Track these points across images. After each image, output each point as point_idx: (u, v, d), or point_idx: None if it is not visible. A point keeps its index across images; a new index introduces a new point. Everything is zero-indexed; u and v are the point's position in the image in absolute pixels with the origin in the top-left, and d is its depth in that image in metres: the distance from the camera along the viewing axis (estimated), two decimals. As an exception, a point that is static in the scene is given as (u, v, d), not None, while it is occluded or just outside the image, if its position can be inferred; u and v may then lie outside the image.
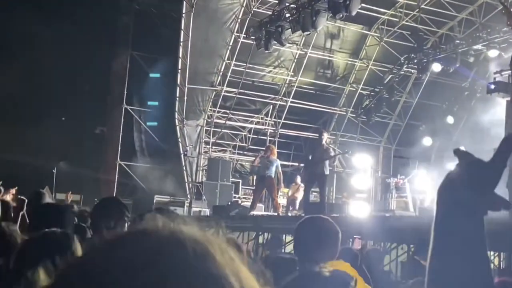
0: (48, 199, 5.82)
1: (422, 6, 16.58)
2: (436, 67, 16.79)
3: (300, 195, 14.32)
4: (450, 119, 17.15)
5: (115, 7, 17.16)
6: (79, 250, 2.30)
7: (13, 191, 8.37)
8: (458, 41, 16.59)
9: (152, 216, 0.75)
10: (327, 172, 11.50)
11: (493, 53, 15.08)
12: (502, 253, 9.69)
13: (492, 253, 9.67)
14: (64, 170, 15.39)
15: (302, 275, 2.76)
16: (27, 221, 4.02)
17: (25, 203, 4.79)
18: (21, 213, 4.53)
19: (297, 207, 14.60)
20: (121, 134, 17.38)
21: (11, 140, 14.94)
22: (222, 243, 0.72)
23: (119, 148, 17.24)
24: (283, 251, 10.14)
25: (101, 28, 16.42)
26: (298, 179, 14.90)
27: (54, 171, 14.68)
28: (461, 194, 1.14)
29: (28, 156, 14.51)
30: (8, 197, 7.45)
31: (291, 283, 2.59)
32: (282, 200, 14.76)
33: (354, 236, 9.81)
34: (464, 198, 1.14)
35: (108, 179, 16.98)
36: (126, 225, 3.65)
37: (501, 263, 9.82)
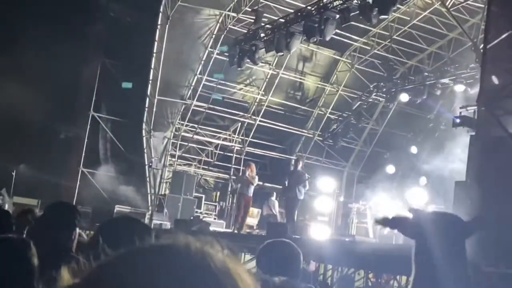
0: (6, 201, 5.67)
1: (394, 36, 16.89)
2: (404, 97, 17.05)
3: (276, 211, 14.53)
4: (414, 149, 17.38)
5: (89, 13, 16.99)
6: (35, 257, 2.22)
7: None
8: (426, 74, 16.91)
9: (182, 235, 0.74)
10: (300, 197, 12.19)
11: (459, 87, 15.39)
12: None
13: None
14: (24, 173, 15.07)
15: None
16: None
17: None
18: None
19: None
20: (86, 141, 17.12)
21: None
22: (245, 272, 0.73)
23: (83, 154, 16.97)
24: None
25: (74, 33, 16.20)
26: (273, 197, 15.03)
27: (14, 173, 14.37)
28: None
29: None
30: None
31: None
32: (253, 220, 14.82)
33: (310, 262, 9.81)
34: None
35: (69, 186, 16.66)
36: (76, 232, 3.48)
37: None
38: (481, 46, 7.99)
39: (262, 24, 15.49)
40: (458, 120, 12.79)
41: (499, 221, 6.16)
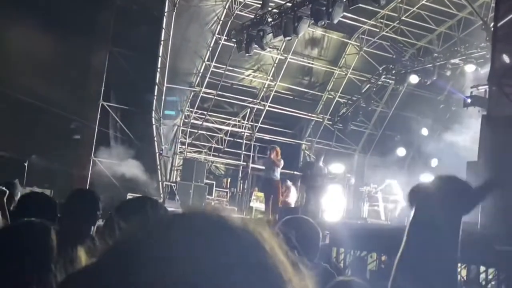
0: (19, 191, 5.71)
1: (403, 18, 16.79)
2: (414, 79, 16.98)
3: (291, 198, 14.46)
4: (424, 131, 17.34)
5: (95, 2, 17.00)
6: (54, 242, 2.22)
7: None
8: (436, 54, 16.83)
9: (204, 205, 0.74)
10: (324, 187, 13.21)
11: (469, 67, 15.32)
12: (468, 266, 9.81)
13: (459, 265, 9.82)
14: (36, 163, 15.19)
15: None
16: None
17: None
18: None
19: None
20: (96, 130, 17.21)
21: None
22: (267, 231, 0.72)
23: (94, 144, 17.06)
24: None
25: (81, 22, 16.22)
26: (288, 182, 14.95)
27: (26, 164, 14.48)
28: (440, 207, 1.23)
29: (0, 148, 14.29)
30: None
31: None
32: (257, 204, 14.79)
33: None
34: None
35: (81, 175, 16.77)
36: (97, 219, 3.55)
37: (469, 274, 9.93)
38: (491, 24, 7.95)
39: (269, 8, 15.43)
40: (469, 100, 12.78)
41: (509, 197, 6.15)
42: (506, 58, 7.58)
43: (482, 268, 9.19)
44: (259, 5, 15.82)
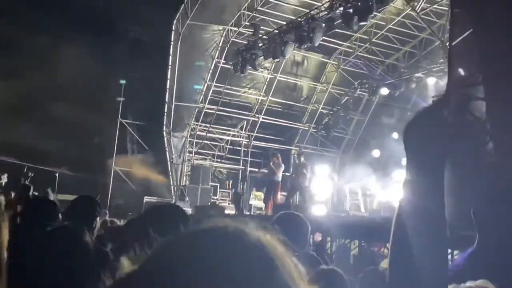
0: (52, 198, 5.68)
1: (373, 40, 16.89)
2: (384, 91, 17.05)
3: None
4: (395, 135, 17.32)
5: (112, 35, 17.04)
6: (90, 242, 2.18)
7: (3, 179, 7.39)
8: (402, 70, 16.91)
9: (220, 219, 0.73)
10: (306, 184, 12.98)
11: (431, 80, 15.38)
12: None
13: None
14: (65, 174, 15.18)
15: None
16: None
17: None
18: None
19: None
20: (116, 143, 17.22)
21: (20, 148, 14.68)
22: (281, 248, 0.71)
23: (114, 155, 17.06)
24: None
25: (102, 52, 16.28)
26: None
27: (57, 175, 14.46)
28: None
29: (35, 161, 14.25)
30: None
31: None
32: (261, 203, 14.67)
33: (316, 233, 9.84)
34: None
35: (104, 182, 16.75)
36: (97, 219, 3.46)
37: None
38: (448, 43, 7.97)
39: (260, 35, 15.49)
40: (431, 108, 12.78)
41: (466, 188, 6.14)
42: (461, 71, 7.58)
43: (449, 250, 9.19)
44: (251, 33, 15.88)
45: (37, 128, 15.47)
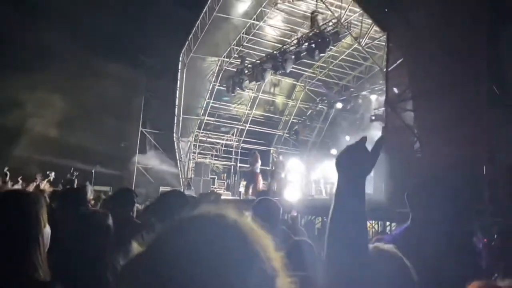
0: (90, 189, 5.60)
1: (330, 67, 16.98)
2: (339, 105, 17.14)
3: (260, 184, 14.32)
4: (347, 138, 17.45)
5: (133, 63, 16.93)
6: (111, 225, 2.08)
7: (51, 176, 7.09)
8: (352, 89, 17.02)
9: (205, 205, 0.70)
10: (282, 176, 12.97)
11: (373, 97, 15.50)
12: (379, 222, 9.89)
13: (373, 221, 9.90)
14: (100, 171, 15.01)
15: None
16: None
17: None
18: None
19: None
20: (137, 148, 17.12)
21: (64, 150, 14.52)
22: (252, 224, 0.69)
23: (137, 155, 16.94)
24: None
25: (127, 77, 16.20)
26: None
27: (93, 171, 14.28)
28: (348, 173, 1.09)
29: (75, 161, 14.08)
30: (43, 185, 6.64)
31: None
32: (243, 189, 14.63)
33: (292, 210, 9.81)
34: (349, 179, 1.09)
35: (129, 176, 16.63)
36: (135, 205, 3.37)
37: (379, 228, 10.00)
38: (385, 69, 8.08)
39: (245, 64, 15.51)
40: (373, 117, 12.91)
41: (401, 177, 6.21)
42: (395, 90, 7.68)
43: (388, 223, 9.26)
44: (239, 63, 15.89)
45: (81, 134, 15.35)
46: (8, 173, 6.58)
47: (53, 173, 6.80)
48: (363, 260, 1.03)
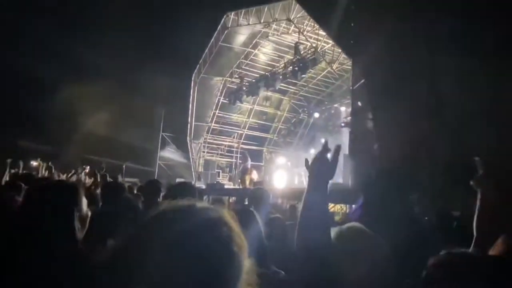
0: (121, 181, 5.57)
1: (309, 85, 17.03)
2: (316, 115, 17.20)
3: (254, 177, 14.22)
4: (322, 140, 17.38)
5: (157, 82, 16.89)
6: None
7: (87, 169, 6.66)
8: (326, 102, 17.07)
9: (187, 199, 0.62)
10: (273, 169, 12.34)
11: (343, 108, 15.57)
12: (346, 205, 9.92)
13: (342, 205, 9.92)
14: (129, 166, 14.95)
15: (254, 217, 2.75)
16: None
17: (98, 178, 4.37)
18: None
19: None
20: (159, 148, 17.05)
21: (101, 148, 14.47)
22: (225, 213, 0.61)
23: (158, 154, 16.89)
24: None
25: (150, 93, 16.17)
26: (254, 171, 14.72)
27: (124, 166, 14.22)
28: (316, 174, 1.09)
29: (108, 157, 14.01)
30: (84, 175, 6.30)
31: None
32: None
33: (278, 198, 9.74)
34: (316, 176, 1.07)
35: (152, 171, 16.59)
36: (161, 193, 3.26)
37: (347, 209, 10.01)
38: (351, 87, 8.17)
39: (244, 82, 15.55)
40: (343, 124, 12.97)
41: (363, 170, 6.28)
42: (359, 103, 7.76)
43: (353, 206, 9.29)
44: (239, 81, 15.92)
45: (116, 139, 15.29)
46: (52, 166, 6.47)
47: (88, 167, 6.69)
48: (326, 245, 1.01)
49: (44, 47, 13.87)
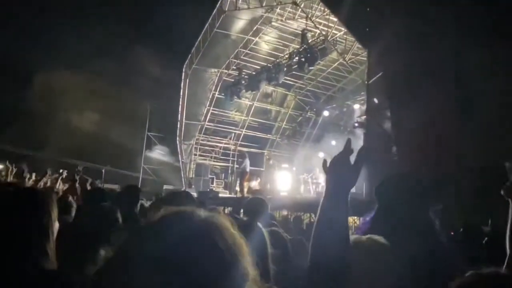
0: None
1: (318, 79, 17.08)
2: (326, 113, 17.25)
3: (254, 184, 14.19)
4: (333, 142, 17.50)
5: (142, 76, 16.92)
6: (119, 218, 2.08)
7: (64, 174, 6.50)
8: (337, 99, 17.11)
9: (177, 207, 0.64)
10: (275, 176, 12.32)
11: (356, 106, 15.61)
12: (359, 218, 9.93)
13: (354, 217, 9.98)
14: (109, 170, 14.96)
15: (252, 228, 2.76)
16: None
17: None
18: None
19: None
20: (144, 149, 17.04)
21: (78, 152, 14.48)
22: (225, 222, 0.63)
23: (143, 157, 16.89)
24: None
25: (135, 87, 16.20)
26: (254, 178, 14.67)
27: (103, 171, 14.23)
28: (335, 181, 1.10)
29: (85, 160, 14.04)
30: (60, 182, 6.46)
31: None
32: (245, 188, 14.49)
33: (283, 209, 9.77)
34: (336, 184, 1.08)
35: (136, 176, 16.58)
36: (139, 202, 3.28)
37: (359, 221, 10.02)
38: (366, 82, 8.20)
39: (243, 75, 15.58)
40: (356, 124, 13.00)
41: (379, 178, 6.29)
42: (375, 100, 7.79)
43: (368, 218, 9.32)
44: (237, 74, 15.96)
45: (94, 139, 15.34)
46: (25, 169, 6.45)
47: (65, 171, 6.63)
48: (343, 265, 1.01)
49: (18, 33, 13.89)
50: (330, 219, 1.06)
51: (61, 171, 6.57)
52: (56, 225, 1.43)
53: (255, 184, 14.10)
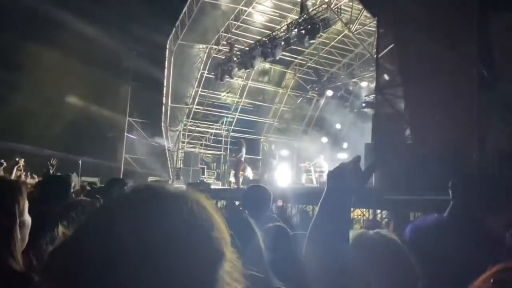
0: (76, 180, 5.44)
1: (320, 54, 16.96)
2: (329, 93, 17.18)
3: (247, 173, 14.17)
4: (338, 125, 17.54)
5: (120, 53, 16.67)
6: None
7: (21, 162, 6.68)
8: (342, 76, 17.05)
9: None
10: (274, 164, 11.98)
11: (364, 84, 15.56)
12: (369, 210, 9.98)
13: (364, 210, 10.00)
14: (87, 161, 14.85)
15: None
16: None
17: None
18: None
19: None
20: (125, 137, 16.93)
21: (50, 140, 14.33)
22: (198, 196, 0.65)
23: (125, 145, 16.79)
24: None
25: (113, 66, 15.95)
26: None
27: (80, 162, 14.12)
28: (341, 184, 1.13)
29: (61, 151, 13.89)
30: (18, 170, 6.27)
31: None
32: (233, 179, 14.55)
33: (278, 200, 9.86)
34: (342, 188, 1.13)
35: (117, 167, 16.49)
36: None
37: (369, 215, 10.09)
38: (375, 56, 8.06)
39: (234, 51, 15.38)
40: (364, 104, 12.96)
41: (391, 164, 6.26)
42: (385, 77, 7.70)
43: (378, 211, 9.38)
44: (228, 50, 15.76)
45: (68, 125, 15.14)
46: None
47: (22, 160, 6.37)
48: (340, 265, 1.04)
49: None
50: (328, 225, 1.10)
51: (17, 159, 6.37)
52: (27, 220, 1.42)
53: (249, 172, 14.08)
